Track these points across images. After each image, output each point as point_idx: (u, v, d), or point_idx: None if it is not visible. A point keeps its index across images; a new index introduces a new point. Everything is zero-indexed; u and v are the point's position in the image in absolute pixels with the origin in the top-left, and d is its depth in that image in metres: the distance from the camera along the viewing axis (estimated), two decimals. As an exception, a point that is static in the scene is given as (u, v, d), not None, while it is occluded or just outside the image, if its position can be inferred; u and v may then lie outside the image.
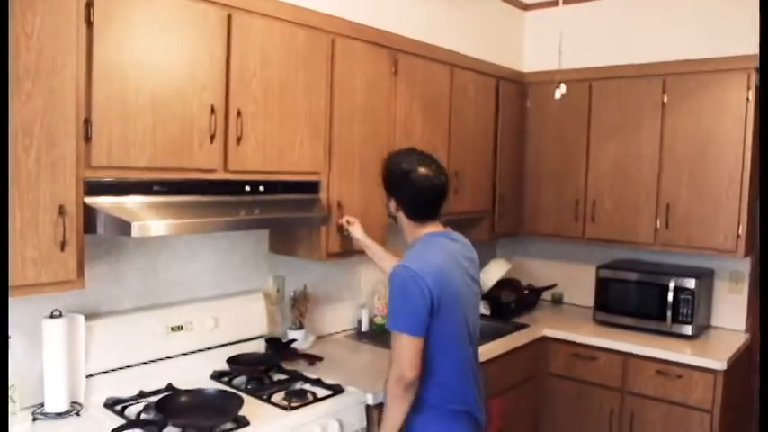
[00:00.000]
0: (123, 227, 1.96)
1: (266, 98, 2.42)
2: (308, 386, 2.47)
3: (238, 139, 2.33)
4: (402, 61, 3.01)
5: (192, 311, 2.56)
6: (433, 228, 2.24)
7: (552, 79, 3.82)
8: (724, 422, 3.11)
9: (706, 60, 3.31)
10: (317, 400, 2.35)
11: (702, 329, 3.49)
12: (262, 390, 2.41)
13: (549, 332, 3.54)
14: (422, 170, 2.17)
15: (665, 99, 3.43)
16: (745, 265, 3.57)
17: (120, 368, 2.33)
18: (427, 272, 2.05)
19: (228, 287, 2.80)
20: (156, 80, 2.08)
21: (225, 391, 2.31)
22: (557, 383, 3.51)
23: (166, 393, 2.26)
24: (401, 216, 2.24)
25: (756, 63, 3.23)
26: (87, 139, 1.93)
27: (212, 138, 2.25)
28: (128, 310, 2.42)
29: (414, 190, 2.17)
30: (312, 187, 2.68)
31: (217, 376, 2.56)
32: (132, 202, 2.06)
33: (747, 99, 3.22)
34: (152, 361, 2.41)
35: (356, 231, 2.76)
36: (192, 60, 2.17)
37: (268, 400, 2.32)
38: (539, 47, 3.94)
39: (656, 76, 3.44)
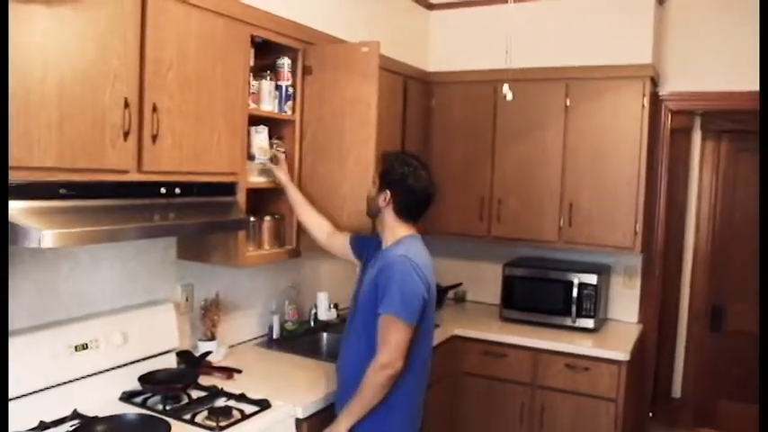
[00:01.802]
0: (30, 237, 1.70)
1: (183, 93, 2.22)
2: (232, 402, 2.30)
3: (154, 137, 2.11)
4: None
5: (97, 327, 2.30)
6: (413, 229, 2.37)
7: (458, 80, 3.88)
8: (626, 409, 3.29)
9: (606, 67, 3.47)
10: (245, 417, 2.18)
11: (602, 323, 3.67)
12: (183, 410, 2.21)
13: (459, 331, 3.56)
14: (423, 174, 2.33)
15: (568, 102, 3.57)
16: (638, 261, 3.79)
17: (16, 398, 2.03)
18: (423, 265, 2.24)
19: (135, 298, 2.55)
20: (65, 66, 1.82)
21: (147, 415, 2.09)
22: (470, 381, 3.55)
23: (76, 423, 2.01)
24: (388, 211, 2.32)
25: (652, 72, 3.44)
26: (-20, 134, 1.66)
27: (126, 135, 2.02)
28: (23, 329, 2.12)
29: (413, 190, 2.30)
30: (229, 189, 2.50)
31: (127, 398, 2.31)
32: (37, 207, 1.80)
33: (643, 105, 3.42)
34: (53, 386, 2.13)
35: (281, 172, 2.70)
36: (105, 47, 1.93)
37: (192, 422, 2.13)
38: (443, 47, 3.96)
39: (560, 80, 3.56)
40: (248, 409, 2.25)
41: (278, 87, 2.76)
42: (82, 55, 1.87)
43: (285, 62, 2.77)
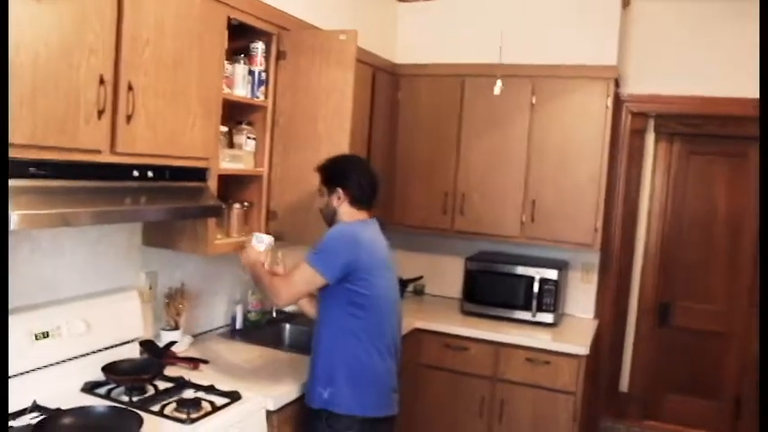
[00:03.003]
0: (-2, 217, 1.60)
1: (159, 72, 2.13)
2: (201, 394, 2.23)
3: (128, 117, 2.02)
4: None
5: (59, 314, 2.19)
6: (367, 215, 2.45)
7: (425, 72, 3.88)
8: (583, 403, 3.36)
9: (572, 66, 3.54)
10: (216, 409, 2.12)
11: (560, 317, 3.74)
12: (150, 402, 2.13)
13: (420, 324, 3.57)
14: (359, 160, 2.51)
15: (534, 100, 3.61)
16: (595, 258, 3.88)
17: (-28, 387, 1.92)
18: (366, 236, 2.34)
19: (98, 285, 2.45)
20: (39, 38, 1.72)
21: (116, 407, 2.00)
22: (429, 374, 3.56)
23: (37, 415, 1.91)
24: (343, 207, 2.40)
25: (616, 74, 3.52)
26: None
27: (100, 113, 1.93)
28: (-20, 315, 2.01)
29: (361, 176, 2.42)
30: (201, 174, 2.42)
31: (89, 388, 2.21)
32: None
33: (607, 106, 3.50)
34: (12, 376, 2.02)
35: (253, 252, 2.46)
36: (82, 20, 1.84)
37: (161, 414, 2.06)
38: (411, 39, 3.95)
39: (526, 78, 3.60)
40: (218, 401, 2.19)
41: (251, 72, 2.69)
42: (57, 27, 1.77)
43: (259, 46, 2.71)
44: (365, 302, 2.30)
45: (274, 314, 3.32)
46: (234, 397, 2.23)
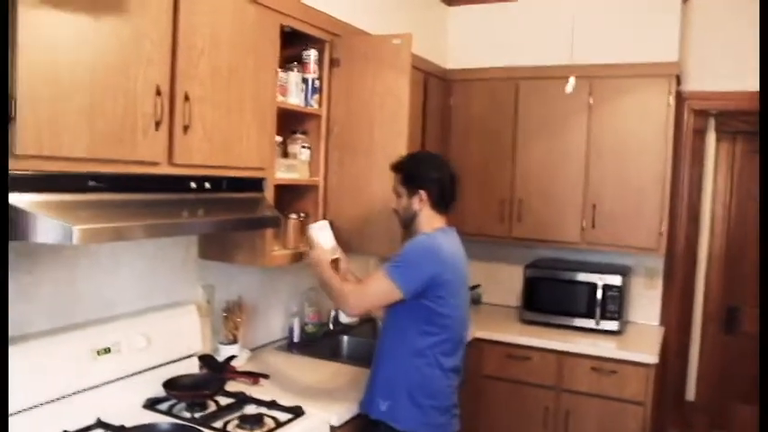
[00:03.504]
0: (59, 232, 1.58)
1: (214, 82, 2.10)
2: (263, 410, 2.17)
3: (185, 128, 1.99)
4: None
5: (119, 330, 2.17)
6: (445, 221, 2.33)
7: (477, 77, 3.79)
8: (654, 413, 3.21)
9: (631, 65, 3.41)
10: (279, 425, 2.07)
11: (624, 325, 3.59)
12: (212, 418, 2.09)
13: (480, 334, 3.46)
14: (439, 160, 2.38)
15: (591, 101, 3.49)
16: (659, 262, 3.72)
17: (36, 406, 1.89)
18: (448, 249, 2.22)
19: (156, 299, 2.42)
20: (97, 49, 1.70)
21: (181, 424, 1.97)
22: (491, 385, 3.44)
23: (104, 433, 1.88)
24: (425, 210, 2.28)
25: (677, 70, 3.38)
26: (10, 118, 1.53)
27: (158, 124, 1.90)
28: (43, 332, 1.99)
29: (441, 179, 2.28)
30: (257, 184, 2.38)
31: (151, 404, 2.18)
32: (65, 201, 1.67)
33: (668, 104, 3.35)
34: (75, 393, 2.00)
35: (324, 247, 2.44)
36: (138, 30, 1.81)
37: (224, 430, 2.01)
38: (462, 43, 3.87)
39: (583, 78, 3.47)
40: (281, 416, 2.13)
41: (304, 80, 2.65)
42: (114, 38, 1.75)
43: (312, 54, 2.67)
44: (439, 321, 2.19)
45: (331, 326, 3.26)
46: (297, 412, 2.17)
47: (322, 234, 2.42)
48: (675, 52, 3.37)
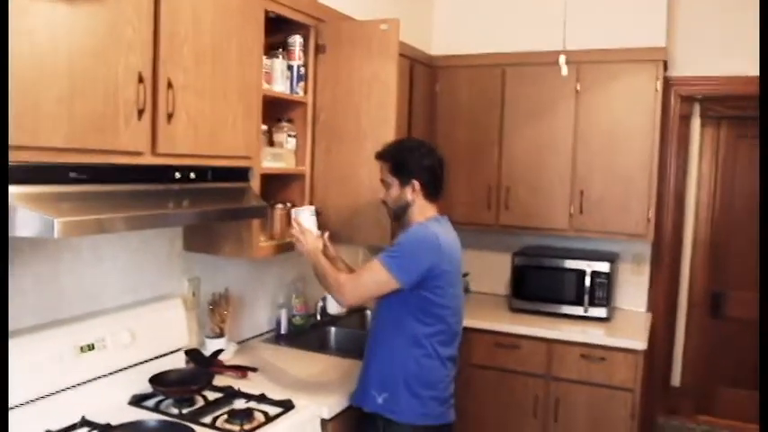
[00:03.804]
0: (42, 226, 1.52)
1: (198, 68, 2.03)
2: (252, 404, 2.14)
3: (169, 116, 1.93)
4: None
5: (103, 325, 2.10)
6: (436, 211, 2.29)
7: (463, 63, 3.74)
8: (642, 399, 3.21)
9: (618, 50, 3.38)
10: (269, 419, 2.03)
11: (612, 311, 3.59)
12: (200, 414, 2.04)
13: (469, 323, 3.42)
14: (426, 146, 2.29)
15: (579, 87, 3.46)
16: (645, 248, 3.72)
17: (18, 406, 1.83)
18: (444, 239, 2.18)
19: (140, 293, 2.36)
20: (74, 38, 1.63)
21: (168, 421, 1.92)
22: (480, 374, 3.42)
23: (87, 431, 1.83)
24: (418, 200, 2.22)
25: (665, 56, 3.36)
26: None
27: (140, 113, 1.83)
28: (24, 329, 1.92)
29: (436, 163, 2.24)
30: (243, 174, 2.32)
31: (137, 401, 2.13)
32: (45, 192, 1.61)
33: (656, 89, 3.33)
34: (59, 391, 1.94)
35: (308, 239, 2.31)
36: (118, 14, 1.74)
37: (213, 426, 1.97)
38: (447, 29, 3.82)
39: (571, 64, 3.42)
40: (271, 410, 2.09)
41: (289, 67, 2.59)
42: (93, 22, 1.68)
43: (297, 40, 2.61)
44: (437, 311, 2.16)
45: (319, 317, 3.21)
46: (287, 406, 2.13)
47: (308, 219, 2.36)
48: (663, 37, 3.35)
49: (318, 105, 2.67)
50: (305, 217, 2.35)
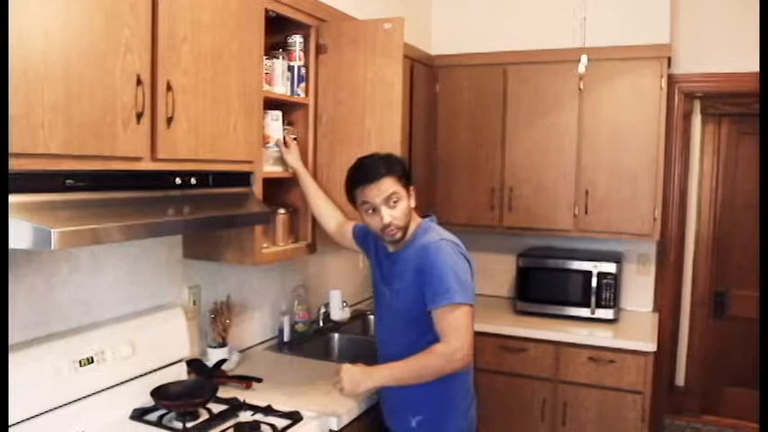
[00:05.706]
0: (38, 237, 1.44)
1: (198, 70, 1.96)
2: (259, 416, 2.06)
3: (169, 120, 1.86)
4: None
5: (102, 338, 2.03)
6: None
7: (464, 63, 3.68)
8: (652, 401, 3.16)
9: (623, 48, 3.33)
10: (277, 433, 1.96)
11: (619, 313, 3.53)
12: (205, 428, 1.97)
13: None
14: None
15: (582, 85, 3.40)
16: (651, 248, 3.67)
17: (15, 424, 1.75)
18: (461, 246, 2.10)
19: (140, 303, 2.28)
20: (70, 40, 1.55)
21: (174, 437, 1.84)
22: (486, 378, 3.34)
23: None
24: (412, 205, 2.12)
25: (669, 53, 3.31)
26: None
27: (139, 117, 1.76)
28: (20, 344, 1.84)
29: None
30: (245, 179, 2.25)
31: (139, 415, 2.05)
32: (41, 201, 1.53)
33: (661, 87, 3.28)
34: (58, 407, 1.86)
35: (291, 156, 2.48)
36: (114, 15, 1.67)
37: (219, 441, 1.90)
38: (447, 28, 3.76)
39: (573, 62, 3.38)
40: (279, 423, 2.02)
41: (290, 68, 2.51)
42: (89, 23, 1.60)
43: (297, 40, 2.54)
44: None
45: (321, 324, 3.14)
46: (295, 418, 2.06)
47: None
48: (667, 34, 3.30)
49: (320, 107, 2.60)
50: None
